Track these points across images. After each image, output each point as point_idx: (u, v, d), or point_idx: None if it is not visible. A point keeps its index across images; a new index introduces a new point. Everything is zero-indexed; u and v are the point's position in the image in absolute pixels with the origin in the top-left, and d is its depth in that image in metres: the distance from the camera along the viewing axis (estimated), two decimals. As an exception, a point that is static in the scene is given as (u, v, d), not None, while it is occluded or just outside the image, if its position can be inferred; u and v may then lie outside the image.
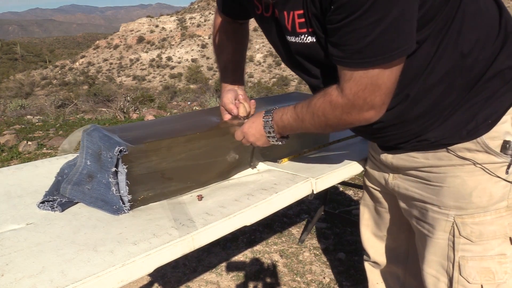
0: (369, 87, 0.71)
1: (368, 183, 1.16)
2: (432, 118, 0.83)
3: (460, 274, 0.85)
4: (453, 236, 0.86)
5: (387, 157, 0.97)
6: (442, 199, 0.87)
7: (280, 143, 0.99)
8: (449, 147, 0.83)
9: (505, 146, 0.79)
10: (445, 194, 0.86)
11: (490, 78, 0.79)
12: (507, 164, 0.80)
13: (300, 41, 0.82)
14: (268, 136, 0.97)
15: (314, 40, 0.79)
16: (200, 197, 0.99)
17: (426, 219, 0.92)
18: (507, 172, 0.81)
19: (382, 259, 1.19)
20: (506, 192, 0.82)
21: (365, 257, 1.24)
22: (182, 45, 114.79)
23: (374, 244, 1.20)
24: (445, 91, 0.80)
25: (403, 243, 1.13)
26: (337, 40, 0.71)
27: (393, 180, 1.00)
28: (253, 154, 1.17)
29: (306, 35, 0.80)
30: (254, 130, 0.98)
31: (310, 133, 0.93)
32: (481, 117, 0.80)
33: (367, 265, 1.25)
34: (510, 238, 0.83)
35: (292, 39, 0.83)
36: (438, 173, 0.87)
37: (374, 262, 1.22)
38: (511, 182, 0.81)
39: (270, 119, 0.94)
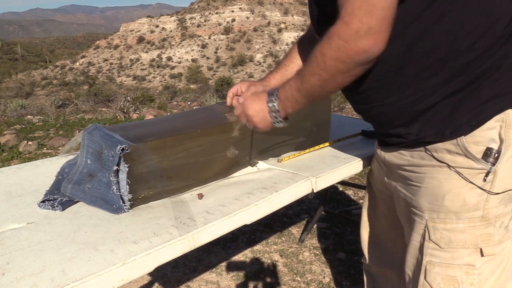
0: (364, 5, 0.68)
1: (371, 184, 1.15)
2: (415, 94, 0.80)
3: (425, 278, 0.84)
4: (423, 239, 0.84)
5: (381, 153, 0.97)
6: (418, 199, 0.85)
7: (283, 125, 0.94)
8: (427, 147, 0.82)
9: (487, 153, 0.76)
10: (422, 194, 0.85)
11: (483, 72, 0.76)
12: (486, 171, 0.77)
13: None
14: (274, 122, 0.93)
15: None
16: (200, 196, 0.99)
17: (408, 219, 0.91)
18: (484, 180, 0.77)
19: (378, 263, 1.18)
20: (481, 200, 0.79)
21: (362, 259, 1.24)
22: (182, 45, 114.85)
23: (371, 247, 1.19)
24: (432, 67, 0.77)
25: (401, 249, 1.10)
26: None
27: (388, 179, 0.99)
28: (251, 152, 1.18)
29: None
30: (258, 118, 0.94)
31: (316, 98, 0.86)
32: (467, 117, 0.77)
33: (364, 268, 1.24)
34: (480, 249, 0.80)
35: None
36: (419, 173, 0.85)
37: (370, 266, 1.21)
38: (486, 191, 0.78)
39: (276, 103, 0.90)
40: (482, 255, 0.80)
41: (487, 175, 0.77)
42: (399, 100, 0.82)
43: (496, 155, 0.76)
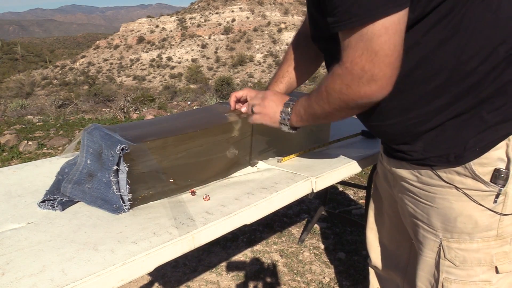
0: (366, 53, 0.67)
1: (377, 185, 1.14)
2: (417, 117, 0.79)
3: None
4: (439, 257, 0.85)
5: (388, 164, 0.96)
6: (430, 218, 0.85)
7: (288, 129, 0.97)
8: (436, 169, 0.80)
9: (495, 175, 0.75)
10: (433, 214, 0.84)
11: (489, 95, 0.73)
12: (495, 193, 0.76)
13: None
14: (281, 124, 0.96)
15: None
16: (193, 193, 1.00)
17: (417, 235, 0.91)
18: (495, 201, 0.76)
19: (383, 264, 1.19)
20: (494, 221, 0.78)
21: (368, 260, 1.24)
22: (182, 45, 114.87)
23: (376, 249, 1.19)
24: (433, 92, 0.76)
25: (405, 251, 1.11)
26: (329, 5, 0.69)
27: (394, 188, 0.98)
28: (251, 152, 1.18)
29: None
30: (267, 118, 0.97)
31: (320, 123, 0.89)
32: (471, 142, 0.75)
33: (370, 269, 1.24)
34: (496, 267, 0.80)
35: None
36: (429, 192, 0.84)
37: (375, 267, 1.21)
38: (498, 213, 0.77)
39: (290, 109, 0.93)
40: (497, 272, 0.80)
41: (497, 196, 0.76)
42: (401, 122, 0.81)
43: (505, 176, 0.74)
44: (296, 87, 1.18)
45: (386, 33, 0.66)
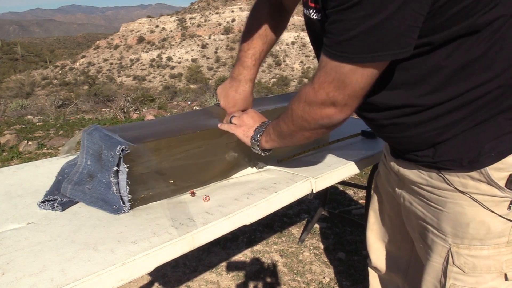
0: (335, 82, 0.69)
1: (378, 186, 1.13)
2: (435, 130, 0.78)
3: None
4: (447, 263, 0.83)
5: (394, 165, 0.95)
6: (441, 223, 0.84)
7: (262, 153, 1.03)
8: (449, 173, 0.79)
9: (510, 181, 0.73)
10: (444, 219, 0.83)
11: (508, 107, 0.73)
12: (510, 199, 0.74)
13: (309, 15, 0.80)
14: (252, 140, 1.01)
15: (319, 18, 0.76)
16: (193, 193, 1.00)
17: (425, 239, 0.89)
18: (509, 208, 0.75)
19: (383, 266, 1.18)
20: (506, 228, 0.77)
21: (368, 261, 1.23)
22: (182, 45, 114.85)
23: (377, 250, 1.18)
24: (454, 109, 0.75)
25: (406, 253, 1.11)
26: (327, 27, 0.69)
27: (399, 189, 0.96)
28: (252, 153, 1.18)
29: (314, 11, 0.78)
30: (241, 131, 1.03)
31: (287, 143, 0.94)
32: (486, 147, 0.74)
33: (370, 270, 1.24)
34: (505, 274, 0.79)
35: (305, 11, 0.83)
36: (440, 196, 0.82)
37: (375, 268, 1.21)
38: (511, 220, 0.76)
39: (263, 128, 0.98)
40: (506, 279, 0.79)
41: (511, 203, 0.75)
42: (418, 134, 0.80)
43: None
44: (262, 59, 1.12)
45: (362, 74, 0.68)
